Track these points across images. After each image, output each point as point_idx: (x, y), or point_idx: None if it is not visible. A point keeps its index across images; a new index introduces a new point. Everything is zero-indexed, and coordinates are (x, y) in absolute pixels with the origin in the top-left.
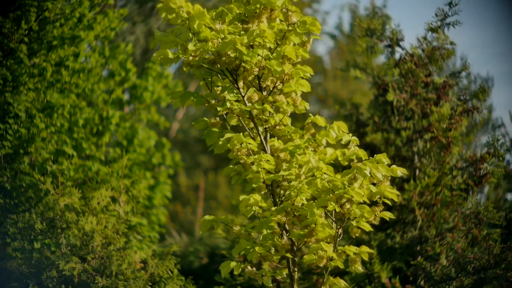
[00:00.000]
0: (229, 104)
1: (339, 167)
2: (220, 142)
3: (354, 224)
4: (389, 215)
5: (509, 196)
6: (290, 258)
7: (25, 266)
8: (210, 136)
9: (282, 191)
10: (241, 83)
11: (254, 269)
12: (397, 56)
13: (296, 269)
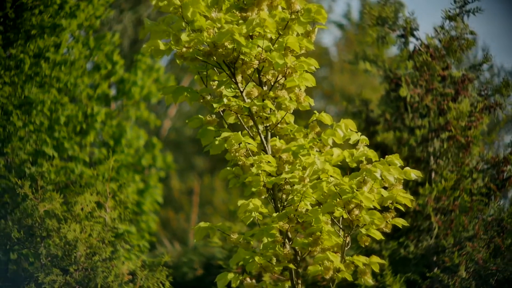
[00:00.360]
0: (226, 100)
1: (347, 169)
2: (217, 142)
3: (364, 232)
4: (402, 222)
5: None
6: (293, 269)
7: None
8: (206, 135)
9: (284, 196)
10: (239, 77)
11: (254, 281)
12: (411, 47)
13: (299, 282)
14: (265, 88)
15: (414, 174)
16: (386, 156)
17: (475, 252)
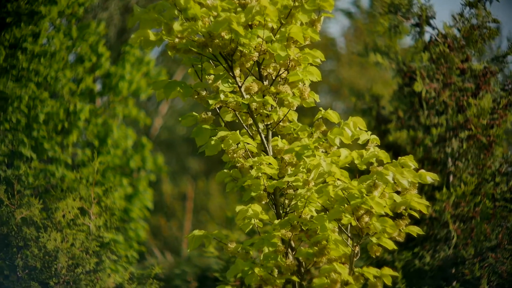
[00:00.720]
0: (223, 96)
1: (356, 172)
2: (213, 142)
3: (374, 241)
4: (416, 230)
5: None
6: (296, 282)
7: None
8: (200, 134)
9: (286, 201)
10: (237, 71)
11: None
12: (427, 37)
13: None
14: (265, 82)
15: (430, 177)
16: (399, 157)
17: (498, 264)
